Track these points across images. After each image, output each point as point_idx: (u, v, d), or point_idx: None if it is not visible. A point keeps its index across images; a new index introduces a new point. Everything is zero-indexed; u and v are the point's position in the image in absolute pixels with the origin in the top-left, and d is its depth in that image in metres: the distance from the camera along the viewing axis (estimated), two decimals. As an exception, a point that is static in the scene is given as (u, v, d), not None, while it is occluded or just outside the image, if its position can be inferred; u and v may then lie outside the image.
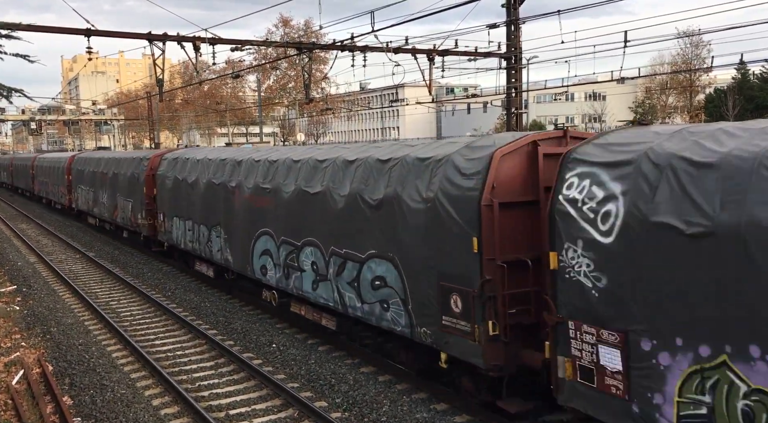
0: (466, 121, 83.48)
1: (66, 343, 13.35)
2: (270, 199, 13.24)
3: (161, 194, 19.90)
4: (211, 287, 18.10)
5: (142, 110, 73.74)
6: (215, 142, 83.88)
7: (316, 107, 55.74)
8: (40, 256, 23.89)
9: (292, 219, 12.51)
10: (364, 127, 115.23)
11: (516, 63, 20.95)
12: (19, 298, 17.58)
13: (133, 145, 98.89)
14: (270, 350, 12.64)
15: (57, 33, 17.70)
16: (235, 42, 20.16)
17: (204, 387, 10.90)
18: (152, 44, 18.48)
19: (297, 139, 62.22)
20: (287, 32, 58.73)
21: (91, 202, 29.23)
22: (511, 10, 20.18)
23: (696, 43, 59.29)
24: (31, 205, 46.42)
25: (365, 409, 9.74)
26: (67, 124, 64.48)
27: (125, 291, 18.30)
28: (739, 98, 57.07)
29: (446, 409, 9.63)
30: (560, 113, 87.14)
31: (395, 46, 21.52)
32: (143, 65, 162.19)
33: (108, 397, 10.43)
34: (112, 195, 25.47)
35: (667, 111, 66.48)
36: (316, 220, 11.74)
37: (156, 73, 19.74)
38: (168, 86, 55.03)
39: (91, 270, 21.45)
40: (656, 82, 65.52)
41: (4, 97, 14.98)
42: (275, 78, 62.88)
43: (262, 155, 14.52)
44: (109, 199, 26.00)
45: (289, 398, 10.09)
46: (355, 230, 10.66)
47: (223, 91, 70.41)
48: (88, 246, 26.19)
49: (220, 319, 15.00)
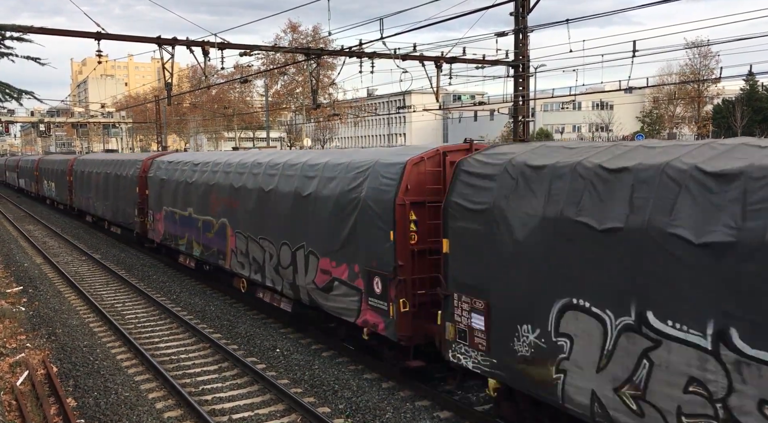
0: (473, 129, 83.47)
1: (71, 345, 13.39)
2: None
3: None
4: (216, 291, 18.14)
5: (150, 114, 74.06)
6: (222, 146, 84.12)
7: (324, 113, 55.86)
8: (46, 257, 23.99)
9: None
10: (371, 134, 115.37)
11: (524, 71, 20.96)
12: (24, 300, 17.64)
13: (141, 148, 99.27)
14: (274, 355, 12.64)
15: (67, 36, 17.80)
16: (244, 47, 20.23)
17: (207, 390, 10.90)
18: (161, 48, 18.55)
19: (304, 144, 62.35)
20: (295, 38, 58.91)
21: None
22: (520, 19, 20.19)
23: (704, 54, 59.23)
24: (37, 205, 46.67)
25: (368, 416, 9.72)
26: (75, 126, 64.74)
27: (130, 293, 18.35)
28: (747, 109, 56.94)
29: (449, 417, 9.61)
30: (567, 122, 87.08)
31: (403, 53, 21.55)
32: (152, 69, 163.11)
33: (112, 400, 10.45)
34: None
35: (674, 121, 66.36)
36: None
37: (165, 77, 19.80)
38: (176, 90, 55.23)
39: (96, 272, 21.53)
40: (664, 92, 65.41)
41: (14, 99, 15.04)
42: (283, 83, 63.04)
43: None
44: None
45: (293, 403, 10.09)
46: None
47: (231, 95, 70.63)
48: (94, 248, 26.29)
49: (224, 322, 15.01)
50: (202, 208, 17.59)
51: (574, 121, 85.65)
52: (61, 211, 40.51)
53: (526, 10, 20.15)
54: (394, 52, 21.44)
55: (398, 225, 9.92)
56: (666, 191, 6.42)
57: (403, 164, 10.13)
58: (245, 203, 14.94)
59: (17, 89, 15.15)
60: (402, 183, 10.00)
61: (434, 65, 22.41)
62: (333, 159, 12.33)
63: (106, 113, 63.65)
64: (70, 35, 17.70)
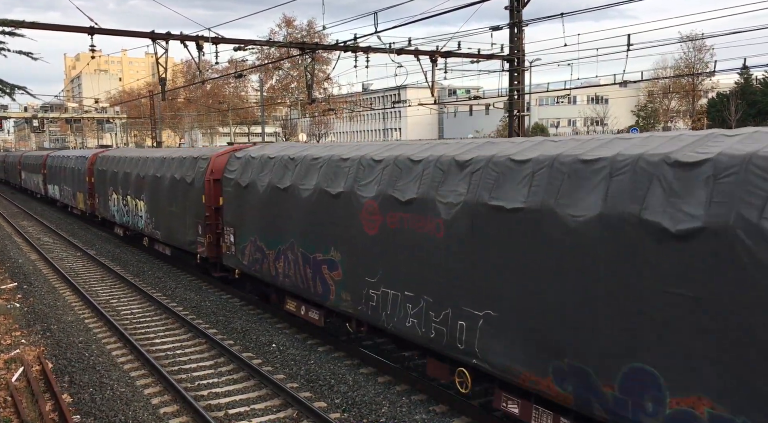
0: (468, 123, 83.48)
1: (66, 341, 13.36)
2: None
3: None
4: (212, 286, 18.11)
5: (144, 109, 73.81)
6: (217, 141, 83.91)
7: (319, 108, 55.76)
8: (41, 253, 23.91)
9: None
10: (366, 128, 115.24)
11: (519, 65, 20.95)
12: (19, 296, 17.59)
13: (135, 143, 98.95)
14: (270, 350, 12.64)
15: (61, 31, 17.74)
16: (238, 42, 20.18)
17: (203, 386, 10.90)
18: (155, 43, 18.50)
19: (299, 139, 62.22)
20: (290, 32, 58.72)
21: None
22: (514, 13, 20.17)
23: (699, 48, 59.26)
24: (34, 202, 46.53)
25: (364, 410, 9.73)
26: (69, 122, 64.40)
27: (126, 289, 18.31)
28: (741, 103, 57.02)
29: (445, 411, 9.63)
30: (562, 116, 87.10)
31: (398, 48, 21.53)
32: (146, 64, 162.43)
33: (107, 395, 10.44)
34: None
35: (669, 115, 66.45)
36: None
37: (159, 72, 19.75)
38: (171, 85, 55.09)
39: (91, 268, 21.47)
40: (659, 85, 65.50)
41: (7, 94, 14.98)
42: (278, 78, 62.90)
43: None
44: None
45: (289, 398, 10.09)
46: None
47: (226, 90, 70.44)
48: (89, 244, 26.21)
49: (220, 318, 15.00)
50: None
51: (569, 116, 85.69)
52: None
53: (521, 4, 20.13)
54: (389, 46, 21.41)
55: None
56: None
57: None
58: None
59: (10, 84, 15.07)
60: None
61: (429, 60, 22.40)
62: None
63: (100, 109, 63.34)
64: (63, 30, 17.63)
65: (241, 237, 14.69)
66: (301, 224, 12.12)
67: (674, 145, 6.69)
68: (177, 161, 19.16)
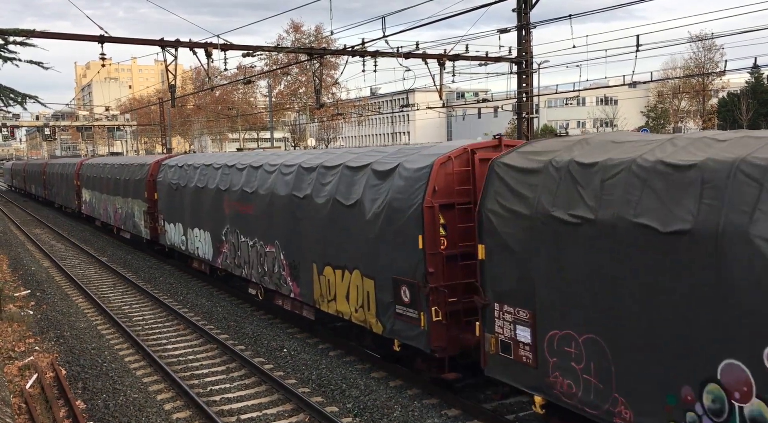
0: (477, 126, 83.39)
1: (79, 348, 13.44)
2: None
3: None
4: (223, 292, 18.17)
5: (154, 116, 74.19)
6: (227, 147, 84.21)
7: (327, 112, 55.84)
8: (53, 260, 24.08)
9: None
10: (375, 132, 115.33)
11: (527, 67, 20.91)
12: (32, 303, 17.72)
13: (146, 150, 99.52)
14: (281, 355, 12.66)
15: (71, 40, 17.86)
16: (247, 48, 20.26)
17: (215, 391, 10.93)
18: (164, 50, 18.60)
19: (307, 144, 62.35)
20: (298, 38, 58.86)
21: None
22: (522, 15, 20.14)
23: (709, 47, 58.88)
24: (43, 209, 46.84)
25: (376, 415, 9.72)
26: (80, 129, 64.78)
27: (137, 295, 18.40)
28: (752, 102, 56.63)
29: (457, 415, 9.60)
30: (571, 118, 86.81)
31: (406, 51, 21.54)
32: (155, 71, 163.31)
33: (120, 402, 10.48)
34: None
35: (679, 115, 66.07)
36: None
37: (168, 79, 19.85)
38: (180, 92, 55.34)
39: (103, 275, 21.59)
40: (668, 86, 65.14)
41: (19, 103, 15.14)
42: (286, 83, 63.04)
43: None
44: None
45: (300, 403, 10.10)
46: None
47: (235, 96, 70.65)
48: (100, 251, 26.37)
49: (231, 323, 15.04)
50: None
51: (578, 117, 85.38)
52: (67, 215, 40.35)
53: (528, 6, 20.10)
54: (396, 50, 21.43)
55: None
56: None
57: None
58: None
59: (21, 94, 15.22)
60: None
61: (437, 63, 22.38)
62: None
63: (111, 116, 63.71)
64: (74, 39, 17.75)
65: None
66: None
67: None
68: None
